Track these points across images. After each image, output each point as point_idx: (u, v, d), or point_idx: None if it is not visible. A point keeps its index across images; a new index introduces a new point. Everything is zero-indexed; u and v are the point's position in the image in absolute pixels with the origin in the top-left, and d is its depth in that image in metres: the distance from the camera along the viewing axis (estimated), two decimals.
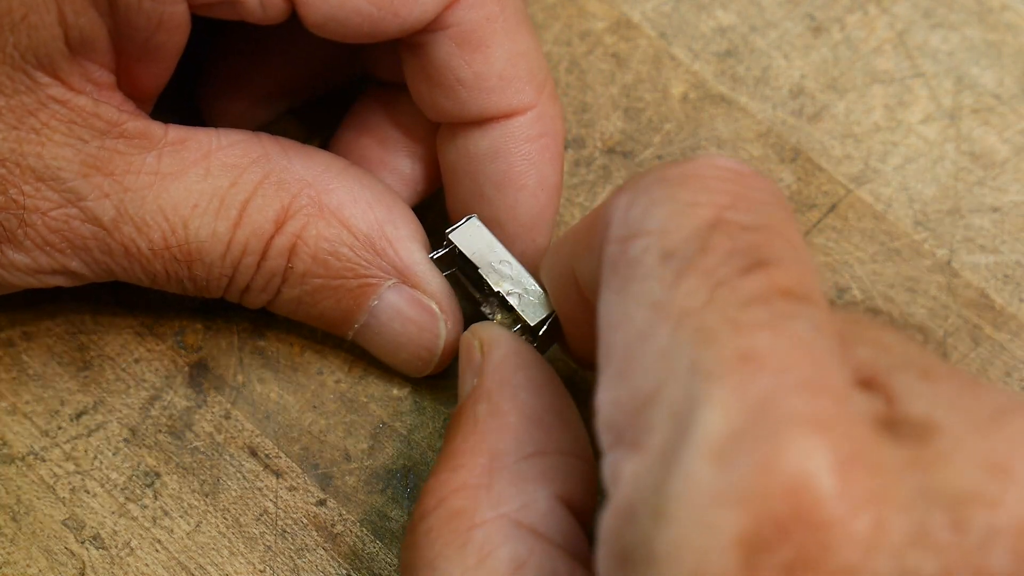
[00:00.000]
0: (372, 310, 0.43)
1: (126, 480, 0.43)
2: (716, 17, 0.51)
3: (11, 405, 0.44)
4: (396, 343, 0.43)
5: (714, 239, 0.32)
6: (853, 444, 0.30)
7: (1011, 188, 0.48)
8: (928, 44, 0.50)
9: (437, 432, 0.44)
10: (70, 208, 0.41)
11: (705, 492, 0.29)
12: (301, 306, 0.43)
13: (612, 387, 0.33)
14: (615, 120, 0.49)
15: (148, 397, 0.45)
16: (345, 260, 0.42)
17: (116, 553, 0.42)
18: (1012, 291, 0.46)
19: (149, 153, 0.41)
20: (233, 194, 0.41)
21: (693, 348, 0.31)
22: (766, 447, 0.29)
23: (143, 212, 0.41)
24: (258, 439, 0.44)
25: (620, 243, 0.34)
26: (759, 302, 0.31)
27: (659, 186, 0.34)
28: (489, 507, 0.37)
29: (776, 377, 0.30)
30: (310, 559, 0.42)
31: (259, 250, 0.42)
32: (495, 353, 0.40)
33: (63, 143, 0.40)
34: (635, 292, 0.33)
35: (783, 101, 0.49)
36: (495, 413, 0.38)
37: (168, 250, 0.41)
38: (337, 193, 0.42)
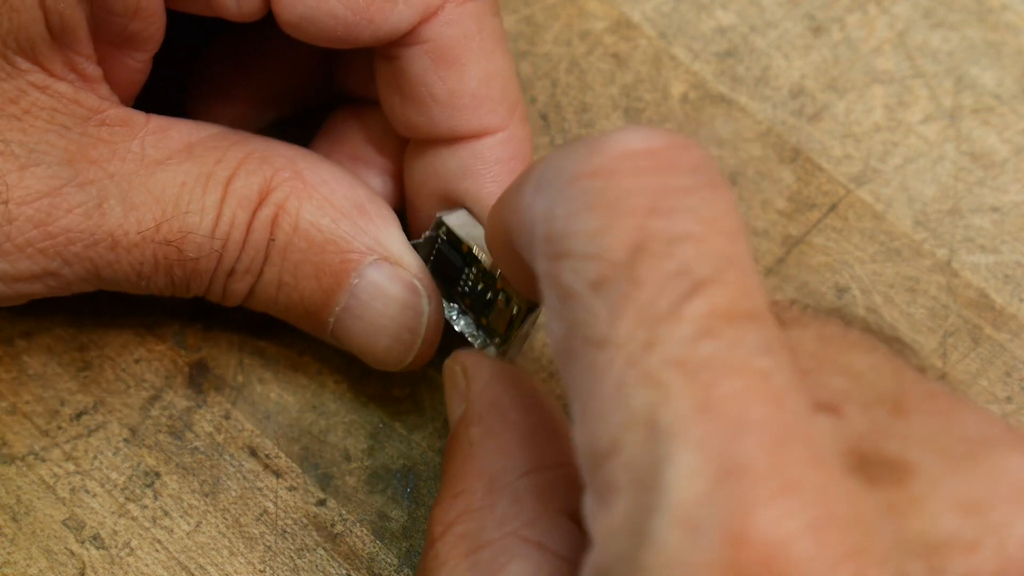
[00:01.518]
0: (353, 289, 0.42)
1: (126, 480, 0.43)
2: (716, 17, 0.51)
3: (11, 405, 0.44)
4: (378, 325, 0.42)
5: (643, 266, 0.31)
6: (826, 501, 0.29)
7: (1011, 188, 0.48)
8: (928, 44, 0.50)
9: (437, 432, 0.44)
10: (54, 198, 0.40)
11: (678, 564, 0.29)
12: (280, 292, 0.42)
13: (579, 425, 0.31)
14: (615, 120, 0.49)
15: (148, 397, 0.45)
16: (326, 232, 0.42)
17: (116, 553, 0.42)
18: (1012, 291, 0.46)
19: (133, 140, 0.41)
20: (219, 171, 0.41)
21: (648, 399, 0.30)
22: (737, 514, 0.28)
23: (130, 195, 0.41)
24: (258, 439, 0.44)
25: (551, 260, 0.32)
26: (704, 335, 0.30)
27: (574, 190, 0.32)
28: (494, 527, 0.36)
29: (738, 429, 0.29)
30: (310, 559, 0.42)
31: (245, 222, 0.41)
32: (479, 376, 0.39)
33: (45, 129, 0.40)
34: (576, 325, 0.31)
35: (783, 101, 0.49)
36: (488, 435, 0.38)
37: (158, 230, 0.41)
38: (319, 171, 0.42)
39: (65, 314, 0.46)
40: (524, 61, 0.50)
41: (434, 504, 0.38)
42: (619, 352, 0.30)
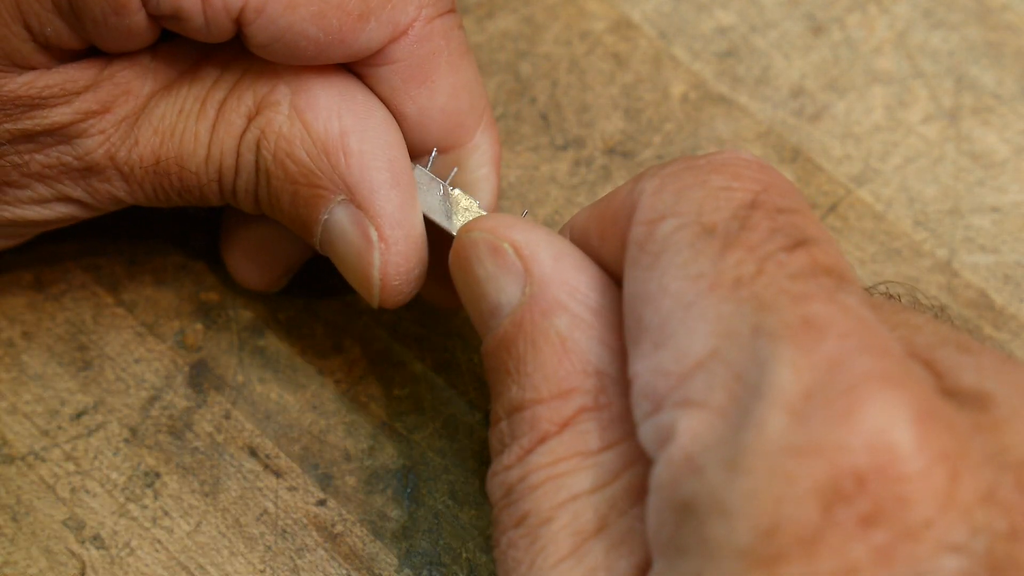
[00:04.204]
0: (325, 223, 0.41)
1: (126, 480, 0.43)
2: (716, 17, 0.51)
3: (11, 405, 0.44)
4: (344, 264, 0.42)
5: (754, 218, 0.34)
6: (926, 401, 0.31)
7: (1011, 188, 0.48)
8: (928, 44, 0.50)
9: (437, 432, 0.44)
10: (63, 145, 0.41)
11: (781, 445, 0.30)
12: (273, 209, 0.42)
13: (649, 355, 0.33)
14: (615, 120, 0.49)
15: (148, 397, 0.45)
16: (300, 163, 0.41)
17: (116, 553, 0.42)
18: (1012, 291, 0.46)
19: (142, 79, 0.41)
20: (215, 93, 0.41)
21: (753, 313, 0.32)
22: (844, 402, 0.30)
23: (136, 131, 0.41)
24: (258, 439, 0.44)
25: (648, 224, 0.35)
26: (807, 276, 0.32)
27: (689, 173, 0.35)
28: (614, 428, 0.36)
29: (841, 341, 0.31)
30: (310, 559, 0.42)
31: (234, 147, 0.41)
32: (543, 255, 0.37)
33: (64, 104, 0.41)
34: (671, 265, 0.34)
35: (783, 101, 0.49)
36: (579, 325, 0.36)
37: (158, 164, 0.41)
38: (310, 93, 0.41)
39: (65, 314, 0.46)
40: (524, 61, 0.50)
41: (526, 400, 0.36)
42: (722, 280, 0.33)
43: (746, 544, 0.30)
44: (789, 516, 0.30)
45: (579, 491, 0.36)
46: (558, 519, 0.35)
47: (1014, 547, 0.30)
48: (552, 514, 0.36)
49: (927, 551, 0.30)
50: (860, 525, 0.30)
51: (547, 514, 0.36)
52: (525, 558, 0.35)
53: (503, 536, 0.37)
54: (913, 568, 0.30)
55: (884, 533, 0.30)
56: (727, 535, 0.30)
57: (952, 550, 0.30)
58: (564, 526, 0.35)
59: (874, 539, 0.30)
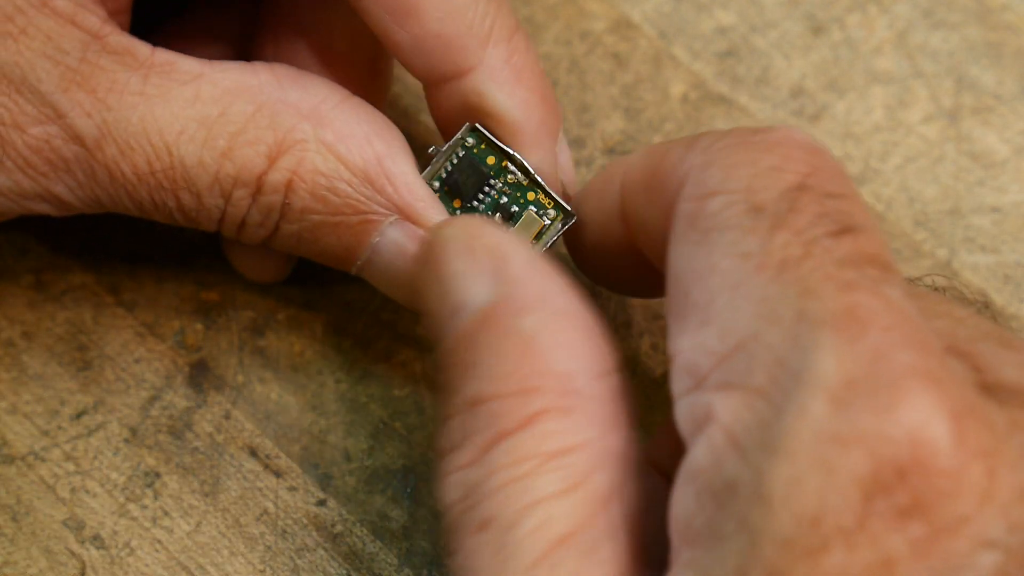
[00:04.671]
0: (374, 247, 0.41)
1: (126, 480, 0.43)
2: (716, 17, 0.51)
3: (11, 405, 0.44)
4: (399, 280, 0.42)
5: (802, 201, 0.33)
6: (964, 398, 0.31)
7: (1011, 188, 0.48)
8: (928, 44, 0.50)
9: (437, 432, 0.44)
10: (50, 125, 0.39)
11: (823, 432, 0.30)
12: (302, 242, 0.42)
13: (694, 332, 0.33)
14: (615, 120, 0.49)
15: (148, 397, 0.45)
16: (344, 196, 0.41)
17: (116, 553, 0.42)
18: (1012, 291, 0.46)
19: (134, 72, 0.39)
20: (222, 124, 0.40)
21: (798, 298, 0.32)
22: (885, 394, 0.30)
23: (127, 134, 0.39)
24: (258, 439, 0.44)
25: (698, 200, 0.34)
26: (852, 264, 0.32)
27: (739, 149, 0.35)
28: (579, 431, 0.35)
29: (884, 333, 0.31)
30: (310, 559, 0.42)
31: (251, 184, 0.40)
32: (516, 260, 0.37)
33: (42, 53, 0.39)
34: (720, 242, 0.34)
35: (783, 101, 0.49)
36: (547, 328, 0.36)
37: (153, 175, 0.40)
38: (334, 126, 0.41)
39: (65, 314, 0.46)
40: None
41: (483, 397, 0.36)
42: (769, 261, 0.33)
43: (789, 533, 0.30)
44: (831, 505, 0.30)
45: (545, 494, 0.34)
46: (524, 523, 0.34)
47: None
48: (518, 518, 0.34)
49: (964, 546, 0.30)
50: (899, 517, 0.30)
51: (512, 518, 0.34)
52: (490, 566, 0.34)
53: (463, 543, 0.35)
54: (949, 562, 0.30)
55: (922, 526, 0.30)
56: (770, 523, 0.30)
57: (988, 546, 0.30)
58: (531, 531, 0.34)
59: (912, 532, 0.30)
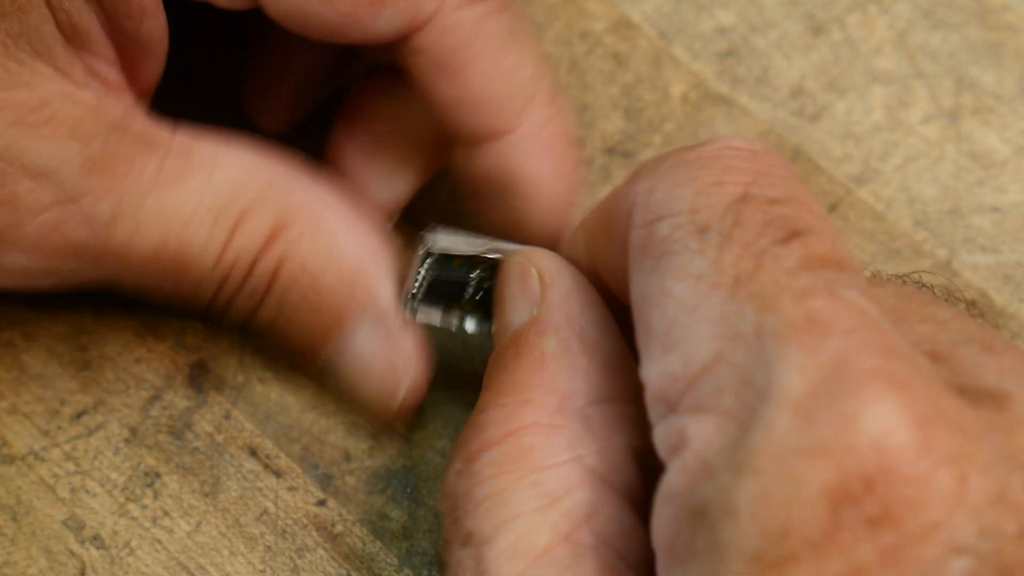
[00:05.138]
0: (342, 344, 0.42)
1: (126, 480, 0.43)
2: (716, 17, 0.51)
3: (11, 405, 0.44)
4: (362, 381, 0.43)
5: (746, 212, 0.33)
6: (931, 402, 0.30)
7: (1011, 188, 0.48)
8: (928, 44, 0.50)
9: (437, 432, 0.44)
10: (66, 207, 0.40)
11: (789, 446, 0.30)
12: (276, 328, 0.43)
13: (659, 360, 0.33)
14: (615, 120, 0.49)
15: (148, 397, 0.45)
16: (324, 291, 0.42)
17: (116, 553, 0.42)
18: (1012, 291, 0.46)
19: (152, 156, 0.41)
20: (230, 208, 0.41)
21: (755, 313, 0.32)
22: (848, 403, 0.30)
23: (140, 216, 0.40)
24: (258, 439, 0.44)
25: (646, 227, 0.35)
26: (804, 268, 0.32)
27: (679, 169, 0.35)
28: (563, 449, 0.36)
29: (845, 339, 0.31)
30: (310, 559, 0.42)
31: (246, 266, 0.41)
32: (560, 285, 0.39)
33: (65, 141, 0.40)
34: (672, 267, 0.34)
35: (783, 101, 0.49)
36: (564, 351, 0.38)
37: (159, 259, 0.41)
38: (330, 223, 0.42)
39: (65, 314, 0.46)
40: None
41: (486, 406, 0.38)
42: (722, 279, 0.32)
43: (756, 547, 0.30)
44: (798, 518, 0.30)
45: (522, 511, 0.35)
46: (501, 539, 0.35)
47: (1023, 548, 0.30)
48: (494, 533, 0.35)
49: (935, 553, 0.30)
50: (868, 527, 0.30)
51: (489, 533, 0.36)
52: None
53: (451, 556, 0.37)
54: (920, 569, 0.30)
55: (891, 535, 0.30)
56: (737, 538, 0.30)
57: (960, 551, 0.30)
58: (508, 547, 0.35)
59: (882, 540, 0.30)
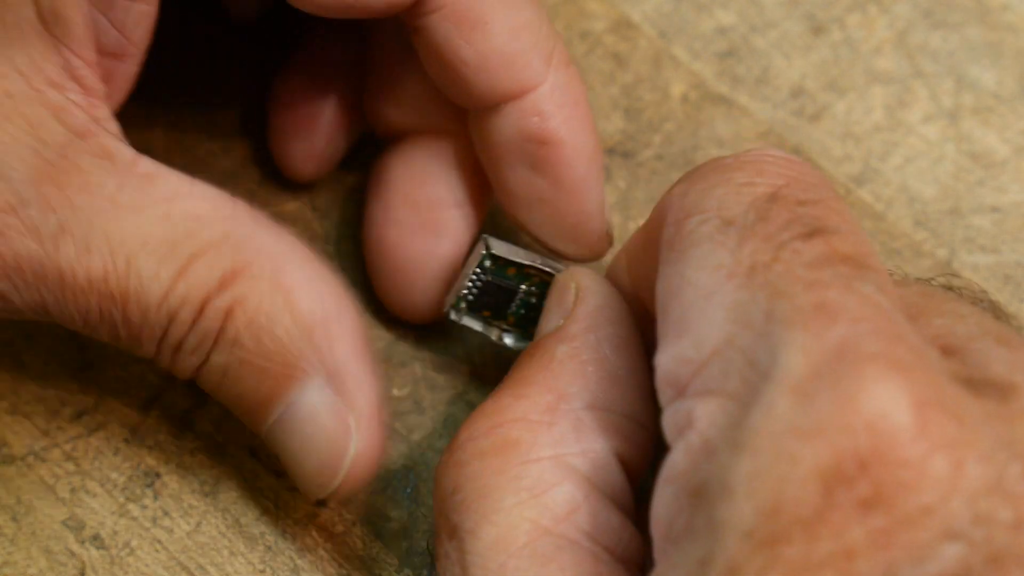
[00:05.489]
0: (290, 405, 0.39)
1: (126, 480, 0.43)
2: (716, 17, 0.51)
3: (11, 405, 0.44)
4: (304, 451, 0.40)
5: (772, 210, 0.34)
6: (932, 388, 0.31)
7: (1011, 188, 0.48)
8: (928, 44, 0.50)
9: (437, 432, 0.44)
10: (10, 216, 0.38)
11: (785, 425, 0.30)
12: (225, 381, 0.40)
13: (672, 345, 0.34)
14: (615, 120, 0.49)
15: (148, 397, 0.45)
16: (277, 341, 0.39)
17: (116, 553, 0.42)
18: (1012, 291, 0.46)
19: (111, 177, 0.38)
20: (186, 244, 0.38)
21: (767, 300, 0.32)
22: (846, 384, 0.30)
23: (88, 236, 0.38)
24: (258, 439, 0.44)
25: (676, 224, 0.35)
26: (823, 264, 0.33)
27: (713, 173, 0.36)
28: (548, 445, 0.37)
29: (852, 325, 0.31)
30: (310, 559, 0.42)
31: (197, 306, 0.39)
32: (589, 300, 0.40)
33: (21, 142, 0.38)
34: (694, 257, 0.34)
35: (783, 101, 0.49)
36: (573, 357, 0.39)
37: (105, 283, 0.38)
38: (292, 273, 0.39)
39: None
40: None
41: (490, 396, 0.38)
42: (739, 268, 0.33)
43: (749, 524, 0.30)
44: (791, 497, 0.30)
45: (504, 504, 0.36)
46: (484, 532, 0.36)
47: (1017, 537, 0.30)
48: (477, 526, 0.36)
49: (926, 537, 0.30)
50: (860, 508, 0.30)
51: (472, 526, 0.36)
52: (457, 573, 0.36)
53: (441, 548, 0.37)
54: (911, 554, 0.30)
55: (883, 517, 0.30)
56: (732, 516, 0.30)
57: (952, 537, 0.30)
58: (490, 540, 0.36)
59: (873, 523, 0.30)
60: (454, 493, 0.37)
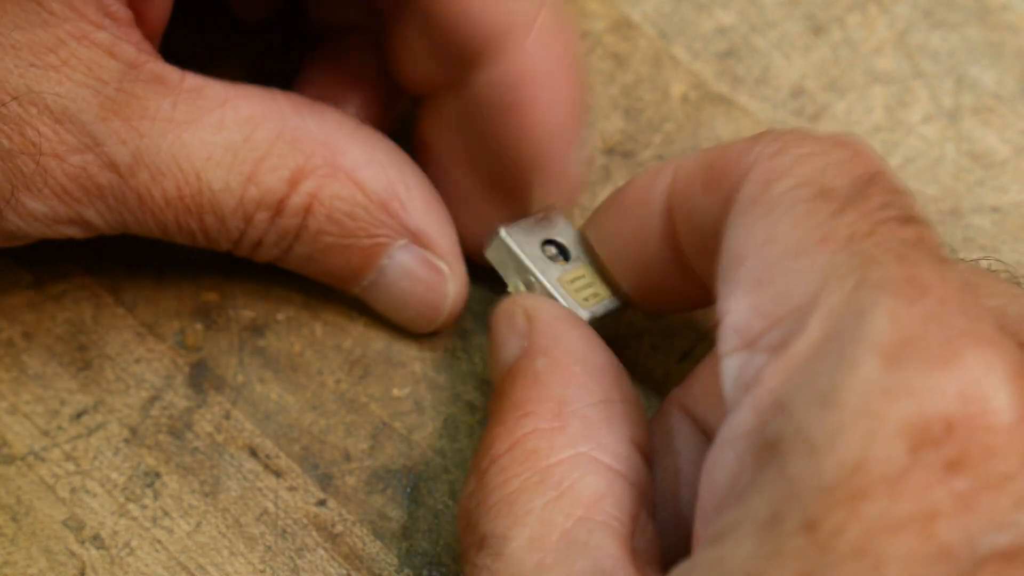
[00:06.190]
0: (382, 269, 0.44)
1: (126, 480, 0.43)
2: (716, 17, 0.51)
3: (11, 405, 0.44)
4: (404, 301, 0.44)
5: (872, 190, 0.34)
6: (1020, 362, 0.31)
7: (1011, 188, 0.48)
8: (928, 44, 0.50)
9: (437, 432, 0.44)
10: (88, 154, 0.40)
11: (873, 385, 0.31)
12: (311, 262, 0.44)
13: (748, 294, 0.34)
14: (615, 120, 0.49)
15: (148, 397, 0.45)
16: (359, 220, 0.43)
17: (116, 553, 0.42)
18: None
19: (165, 99, 0.41)
20: (247, 150, 0.42)
21: (861, 266, 0.32)
22: (940, 352, 0.31)
23: (158, 160, 0.41)
24: (258, 439, 0.44)
25: (763, 184, 0.35)
26: (915, 246, 0.33)
27: (811, 142, 0.36)
28: (565, 447, 0.38)
29: (941, 302, 0.32)
30: (310, 559, 0.42)
31: (272, 207, 0.42)
32: (543, 317, 0.41)
33: (83, 83, 0.40)
34: (785, 217, 0.34)
35: (783, 101, 0.49)
36: (556, 366, 0.39)
37: (181, 200, 0.41)
38: (351, 153, 0.43)
39: (65, 314, 0.46)
40: None
41: (490, 426, 0.39)
42: (835, 235, 0.33)
43: (830, 480, 0.30)
44: (876, 454, 0.30)
45: (533, 506, 0.37)
46: (516, 535, 0.36)
47: None
48: (509, 531, 0.37)
49: (1006, 504, 0.30)
50: (945, 470, 0.30)
51: (504, 531, 0.37)
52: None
53: (467, 564, 0.38)
54: (991, 519, 0.30)
55: (967, 481, 0.30)
56: (811, 471, 0.30)
57: None
58: (524, 541, 0.36)
59: (956, 485, 0.30)
60: (480, 506, 0.38)
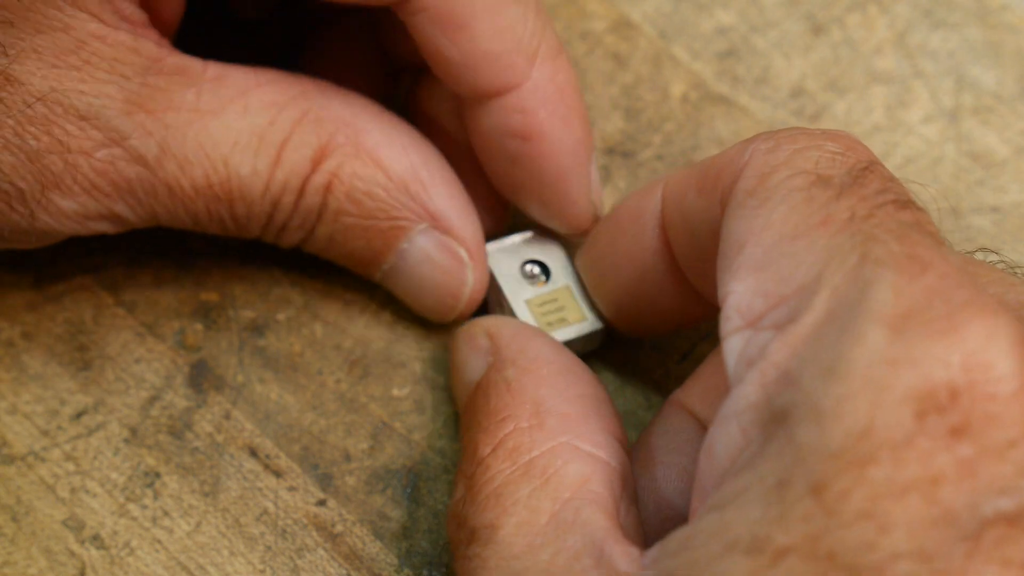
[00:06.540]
0: (401, 253, 0.44)
1: (126, 480, 0.43)
2: (716, 17, 0.51)
3: (11, 405, 0.44)
4: (423, 287, 0.44)
5: (868, 177, 0.35)
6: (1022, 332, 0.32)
7: (1011, 188, 0.48)
8: (928, 44, 0.50)
9: (437, 432, 0.44)
10: (115, 148, 0.41)
11: (878, 355, 0.31)
12: (333, 244, 0.44)
13: (749, 276, 0.35)
14: (615, 120, 0.49)
15: (148, 397, 0.45)
16: (379, 200, 0.43)
17: (116, 553, 0.42)
18: None
19: (188, 89, 0.41)
20: (272, 132, 0.42)
21: (862, 244, 0.33)
22: (944, 322, 0.31)
23: (185, 150, 0.41)
24: (258, 439, 0.44)
25: (760, 176, 0.36)
26: (912, 229, 0.34)
27: (805, 137, 0.37)
28: (546, 440, 0.38)
29: (942, 277, 0.32)
30: (310, 559, 0.42)
31: (297, 188, 0.42)
32: (505, 332, 0.42)
33: (105, 80, 0.41)
34: (782, 204, 0.35)
35: (783, 101, 0.49)
36: (525, 372, 0.40)
37: (210, 188, 0.42)
38: (373, 134, 0.43)
39: (65, 314, 0.46)
40: None
41: (473, 435, 0.39)
42: (835, 218, 0.34)
43: (838, 446, 0.31)
44: (882, 421, 0.31)
45: (519, 496, 0.37)
46: (505, 523, 0.37)
47: None
48: (497, 521, 0.37)
49: (1009, 470, 0.30)
50: (949, 436, 0.31)
51: (491, 522, 0.37)
52: (483, 565, 0.37)
53: (458, 561, 0.38)
54: (993, 485, 0.30)
55: (970, 447, 0.30)
56: (819, 437, 0.31)
57: None
58: (512, 528, 0.37)
59: (960, 452, 0.30)
60: (466, 503, 0.38)
